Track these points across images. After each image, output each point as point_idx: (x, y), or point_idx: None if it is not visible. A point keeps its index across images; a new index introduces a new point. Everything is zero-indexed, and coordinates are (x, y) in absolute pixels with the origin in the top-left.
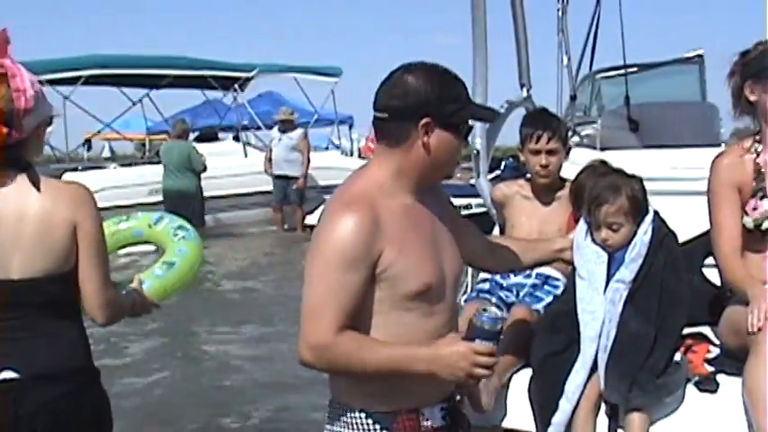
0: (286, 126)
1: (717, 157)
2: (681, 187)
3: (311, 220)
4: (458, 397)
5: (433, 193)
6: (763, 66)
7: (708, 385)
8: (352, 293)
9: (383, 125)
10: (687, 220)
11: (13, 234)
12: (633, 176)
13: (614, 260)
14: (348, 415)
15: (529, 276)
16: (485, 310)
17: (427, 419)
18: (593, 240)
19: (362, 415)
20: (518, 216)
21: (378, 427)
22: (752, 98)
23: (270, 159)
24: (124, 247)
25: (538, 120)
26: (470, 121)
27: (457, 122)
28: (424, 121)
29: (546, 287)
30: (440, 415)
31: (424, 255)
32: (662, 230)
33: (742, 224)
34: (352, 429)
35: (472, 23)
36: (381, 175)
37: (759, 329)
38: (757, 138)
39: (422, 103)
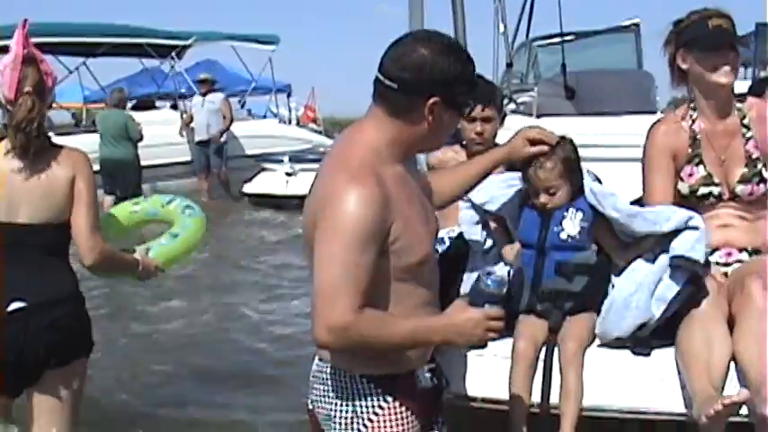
0: (205, 88)
1: (653, 124)
2: (616, 154)
3: (250, 188)
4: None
5: (410, 158)
6: (695, 34)
7: (641, 349)
8: (368, 271)
9: (388, 93)
10: (622, 186)
11: (24, 188)
12: (564, 138)
13: (553, 218)
14: (349, 380)
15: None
16: (489, 273)
17: (420, 381)
18: (532, 205)
19: (364, 380)
20: None
21: (379, 390)
22: (684, 66)
23: (188, 124)
24: (140, 225)
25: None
26: None
27: (463, 103)
28: (433, 99)
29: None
30: (428, 376)
31: (422, 225)
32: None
33: (677, 190)
34: (354, 395)
35: None
36: (379, 140)
37: None
38: (692, 105)
39: (434, 82)
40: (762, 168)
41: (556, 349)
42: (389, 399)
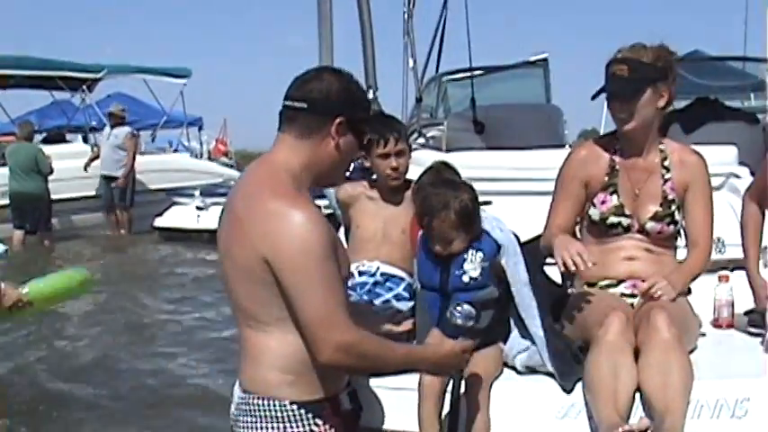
0: (114, 121)
1: (576, 147)
2: (524, 187)
3: (161, 222)
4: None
5: None
6: (603, 83)
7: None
8: (341, 283)
9: (297, 115)
10: (529, 220)
11: None
12: (463, 185)
13: (453, 262)
14: (279, 408)
15: (372, 275)
16: (457, 305)
17: (342, 404)
18: (429, 251)
19: (294, 407)
20: (362, 217)
21: (310, 416)
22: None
23: (96, 157)
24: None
25: (381, 123)
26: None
27: (363, 130)
28: (339, 120)
29: (387, 284)
30: (347, 399)
31: (342, 246)
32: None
33: (588, 215)
34: (286, 422)
35: (318, 25)
36: (294, 164)
37: (569, 270)
38: (618, 136)
39: (341, 102)
40: (674, 210)
41: (462, 383)
42: (319, 422)
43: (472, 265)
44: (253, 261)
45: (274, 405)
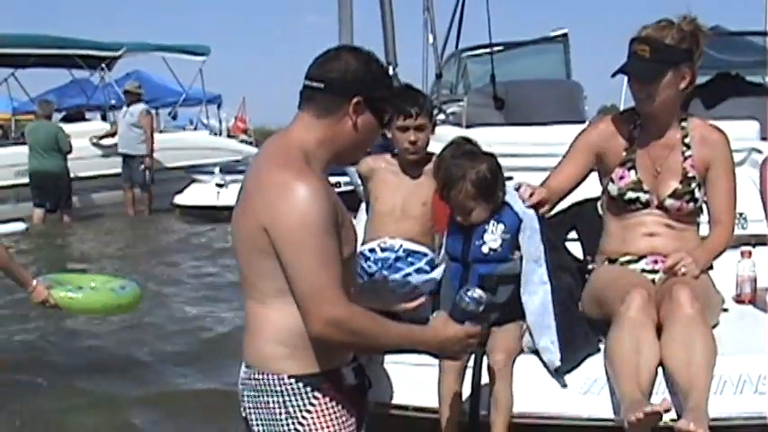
0: (129, 99)
1: (596, 119)
2: (544, 163)
3: (181, 200)
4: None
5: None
6: (625, 59)
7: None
8: (339, 259)
9: (314, 95)
10: None
11: None
12: (484, 155)
13: (475, 232)
14: (277, 382)
15: (395, 251)
16: (467, 291)
17: (345, 378)
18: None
19: (292, 380)
20: (382, 189)
21: (308, 389)
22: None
23: (112, 135)
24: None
25: (405, 96)
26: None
27: (383, 109)
28: (356, 99)
29: (409, 259)
30: (353, 374)
31: (350, 221)
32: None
33: (607, 191)
34: (285, 396)
35: (338, 1)
36: (308, 141)
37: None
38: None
39: (359, 82)
40: (695, 188)
41: (484, 359)
42: (318, 395)
43: (492, 237)
44: (254, 231)
45: (273, 379)
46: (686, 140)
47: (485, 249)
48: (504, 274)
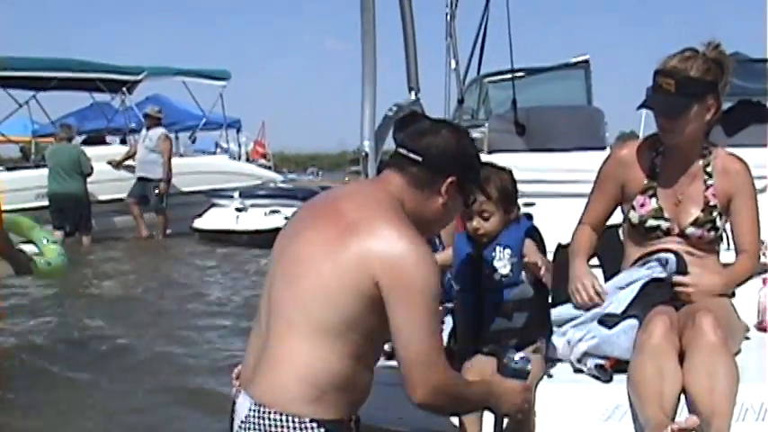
0: (150, 123)
1: (617, 146)
2: (566, 189)
3: (200, 224)
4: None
5: None
6: (648, 90)
7: (603, 375)
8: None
9: (410, 165)
10: (571, 222)
11: None
12: (503, 169)
13: (483, 261)
14: (296, 425)
15: None
16: (513, 356)
17: (353, 429)
18: (462, 242)
19: (314, 424)
20: None
21: None
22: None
23: (130, 156)
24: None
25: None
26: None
27: (471, 191)
28: (451, 179)
29: None
30: (357, 424)
31: None
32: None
33: (628, 218)
34: None
35: (361, 26)
36: (404, 204)
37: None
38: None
39: (455, 162)
40: (716, 217)
41: None
42: None
43: (501, 263)
44: (357, 272)
45: (293, 421)
46: (708, 169)
47: (496, 277)
48: (518, 299)
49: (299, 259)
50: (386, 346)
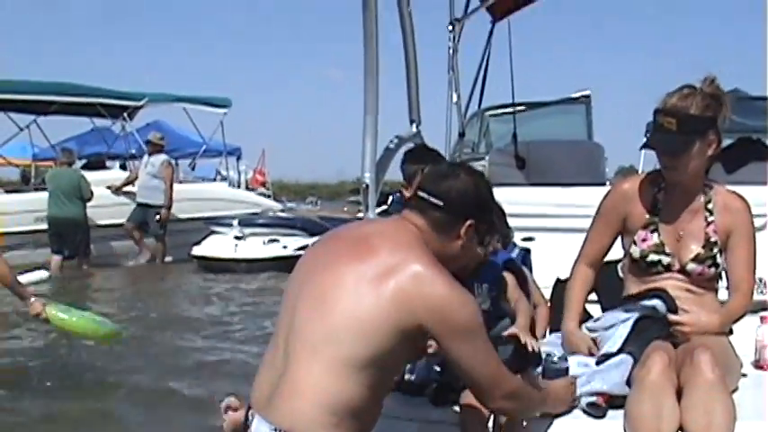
0: (151, 149)
1: (619, 180)
2: (565, 224)
3: (199, 251)
4: None
5: None
6: (649, 128)
7: (595, 411)
8: None
9: (432, 209)
10: (571, 257)
11: None
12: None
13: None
14: None
15: None
16: (552, 359)
17: None
18: None
19: None
20: None
21: None
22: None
23: (131, 182)
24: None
25: (424, 155)
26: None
27: (489, 233)
28: (470, 222)
29: None
30: None
31: None
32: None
33: (629, 253)
34: None
35: (364, 58)
36: (425, 246)
37: None
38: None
39: (474, 206)
40: (716, 253)
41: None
42: None
43: (480, 299)
44: (395, 311)
45: None
46: (709, 206)
47: None
48: (501, 334)
49: (333, 290)
50: None
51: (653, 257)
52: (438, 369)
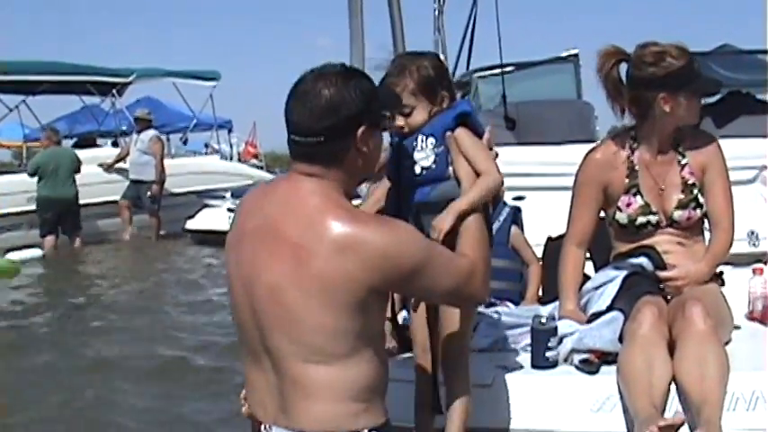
0: (140, 126)
1: (590, 150)
2: (556, 183)
3: (193, 225)
4: None
5: None
6: (689, 79)
7: (589, 366)
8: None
9: (316, 149)
10: (561, 215)
11: None
12: (423, 54)
13: (402, 150)
14: None
15: None
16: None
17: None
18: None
19: None
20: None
21: None
22: (666, 108)
23: (122, 159)
24: None
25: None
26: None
27: (383, 117)
28: (360, 129)
29: None
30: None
31: None
32: None
33: (615, 220)
34: None
35: (349, 23)
36: (336, 184)
37: None
38: (633, 135)
39: (355, 114)
40: (698, 194)
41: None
42: None
43: (422, 154)
44: (347, 289)
45: None
46: (679, 149)
47: (417, 170)
48: (444, 198)
49: (279, 300)
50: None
51: (641, 219)
52: None
